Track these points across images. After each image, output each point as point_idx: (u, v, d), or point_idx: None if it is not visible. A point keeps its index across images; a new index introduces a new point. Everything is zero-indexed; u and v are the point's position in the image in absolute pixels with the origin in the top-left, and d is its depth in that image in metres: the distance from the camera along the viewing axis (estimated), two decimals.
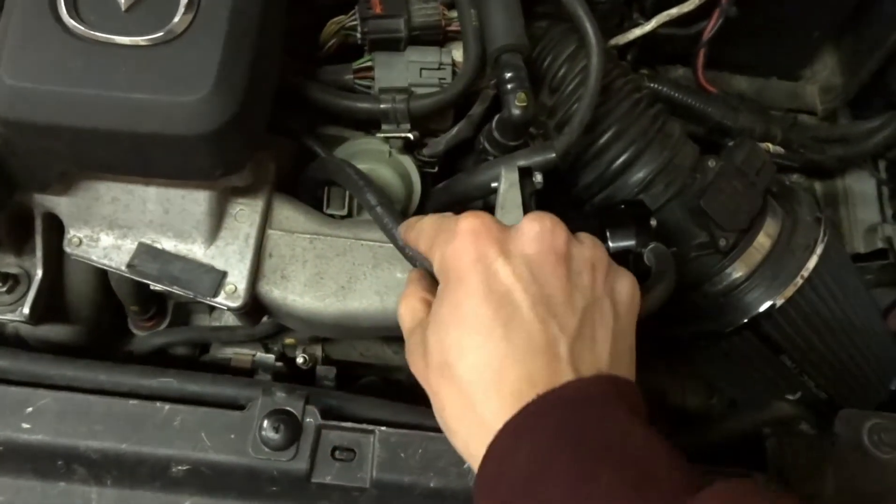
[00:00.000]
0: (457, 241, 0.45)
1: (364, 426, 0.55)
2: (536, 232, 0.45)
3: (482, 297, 0.43)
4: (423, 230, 0.51)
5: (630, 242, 0.61)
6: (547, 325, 0.43)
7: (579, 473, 0.38)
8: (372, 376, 0.81)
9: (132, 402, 0.54)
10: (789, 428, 0.61)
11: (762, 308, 0.72)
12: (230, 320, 0.76)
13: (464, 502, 0.55)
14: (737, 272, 0.74)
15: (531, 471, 0.39)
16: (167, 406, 0.54)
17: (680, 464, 0.40)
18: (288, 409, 0.54)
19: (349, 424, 0.55)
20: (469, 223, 0.45)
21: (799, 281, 0.72)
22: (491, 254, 0.44)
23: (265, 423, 0.54)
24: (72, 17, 0.52)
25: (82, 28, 0.51)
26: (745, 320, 0.73)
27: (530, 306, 0.43)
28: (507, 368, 0.42)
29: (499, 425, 0.41)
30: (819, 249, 0.74)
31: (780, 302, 0.72)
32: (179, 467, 0.53)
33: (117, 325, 0.75)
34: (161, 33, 0.52)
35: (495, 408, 0.41)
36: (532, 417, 0.41)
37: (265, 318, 0.71)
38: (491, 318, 0.42)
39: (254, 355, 0.74)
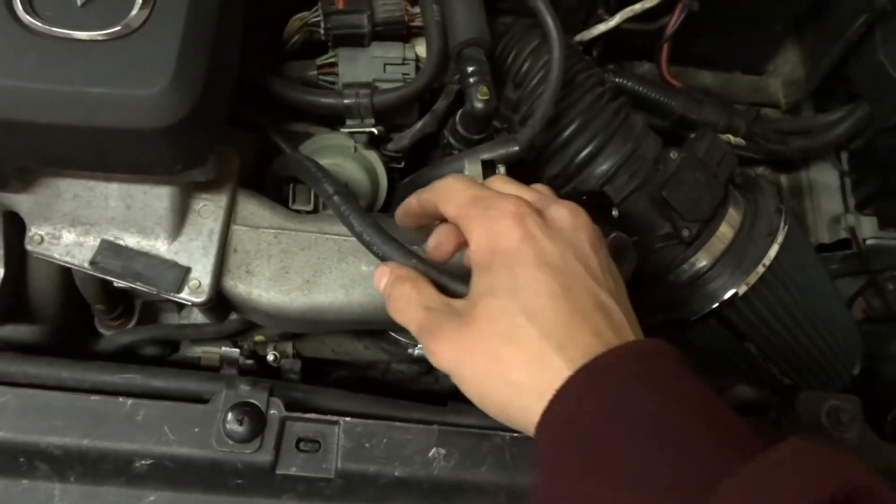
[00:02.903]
0: (506, 221, 0.48)
1: (329, 417, 0.55)
2: (570, 215, 0.50)
3: (538, 267, 0.46)
4: (451, 193, 0.51)
5: None
6: (600, 293, 0.47)
7: (655, 414, 0.41)
8: (343, 372, 0.82)
9: (94, 397, 0.53)
10: (751, 411, 0.62)
11: (726, 296, 0.74)
12: (199, 319, 0.76)
13: (428, 491, 0.55)
14: (700, 262, 0.75)
15: (605, 411, 0.41)
16: (130, 401, 0.53)
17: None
18: (252, 401, 0.54)
19: (314, 416, 0.55)
20: (514, 206, 0.48)
21: (761, 269, 0.74)
22: (538, 234, 0.48)
23: (229, 415, 0.53)
24: (27, 12, 0.51)
25: (38, 23, 0.51)
26: (710, 308, 0.74)
27: (582, 277, 0.47)
28: (577, 324, 0.45)
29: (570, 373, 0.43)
30: (780, 238, 0.75)
31: (742, 290, 0.73)
32: (143, 462, 0.52)
33: (84, 325, 0.74)
34: (118, 27, 0.52)
35: (570, 356, 0.43)
36: (603, 366, 0.43)
37: (232, 315, 0.71)
38: (551, 284, 0.46)
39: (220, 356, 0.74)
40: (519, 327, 0.45)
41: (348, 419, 0.55)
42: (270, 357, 0.75)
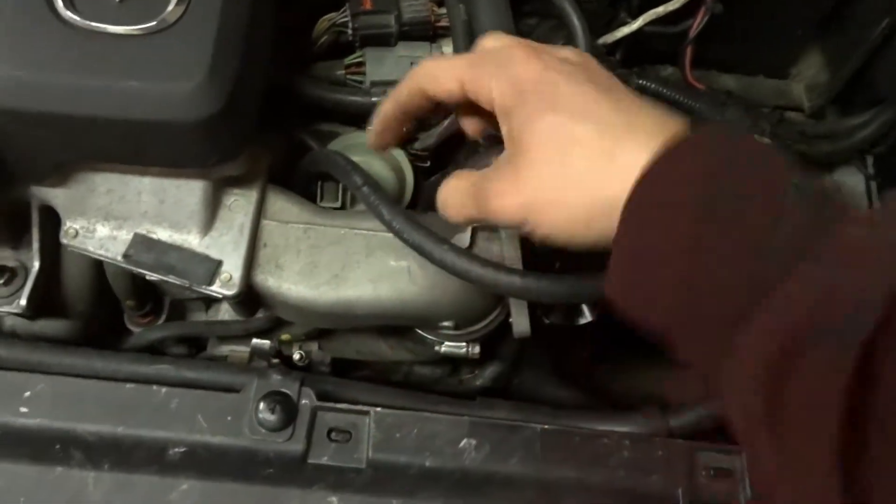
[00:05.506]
0: (521, 64, 0.45)
1: (360, 407, 0.55)
2: (574, 52, 0.48)
3: (570, 84, 0.44)
4: (441, 70, 0.49)
5: None
6: (637, 97, 0.45)
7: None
8: (366, 372, 0.82)
9: (129, 385, 0.54)
10: None
11: None
12: (226, 318, 0.76)
13: (458, 482, 0.55)
14: None
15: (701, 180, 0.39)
16: (164, 389, 0.54)
17: None
18: (283, 390, 0.55)
19: (345, 406, 0.55)
20: (523, 48, 0.46)
21: None
22: (557, 64, 0.46)
23: (261, 404, 0.54)
24: (67, 7, 0.53)
25: (77, 18, 0.53)
26: None
27: (615, 83, 0.46)
28: (633, 114, 0.43)
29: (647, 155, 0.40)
30: None
31: None
32: (176, 450, 0.53)
33: (113, 322, 0.75)
34: (154, 23, 0.53)
35: (639, 143, 0.41)
36: (688, 146, 0.40)
37: (260, 313, 0.71)
38: (590, 91, 0.44)
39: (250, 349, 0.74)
40: (575, 133, 0.42)
41: (379, 409, 0.55)
42: (296, 356, 0.76)
